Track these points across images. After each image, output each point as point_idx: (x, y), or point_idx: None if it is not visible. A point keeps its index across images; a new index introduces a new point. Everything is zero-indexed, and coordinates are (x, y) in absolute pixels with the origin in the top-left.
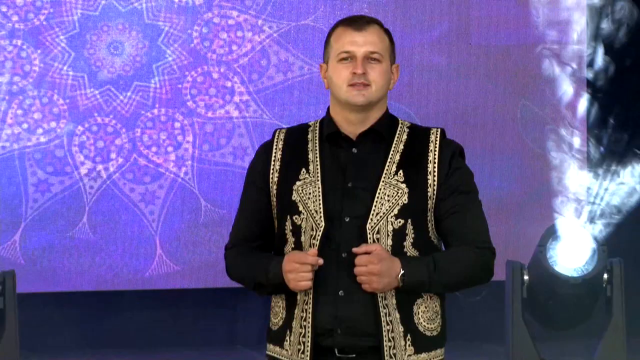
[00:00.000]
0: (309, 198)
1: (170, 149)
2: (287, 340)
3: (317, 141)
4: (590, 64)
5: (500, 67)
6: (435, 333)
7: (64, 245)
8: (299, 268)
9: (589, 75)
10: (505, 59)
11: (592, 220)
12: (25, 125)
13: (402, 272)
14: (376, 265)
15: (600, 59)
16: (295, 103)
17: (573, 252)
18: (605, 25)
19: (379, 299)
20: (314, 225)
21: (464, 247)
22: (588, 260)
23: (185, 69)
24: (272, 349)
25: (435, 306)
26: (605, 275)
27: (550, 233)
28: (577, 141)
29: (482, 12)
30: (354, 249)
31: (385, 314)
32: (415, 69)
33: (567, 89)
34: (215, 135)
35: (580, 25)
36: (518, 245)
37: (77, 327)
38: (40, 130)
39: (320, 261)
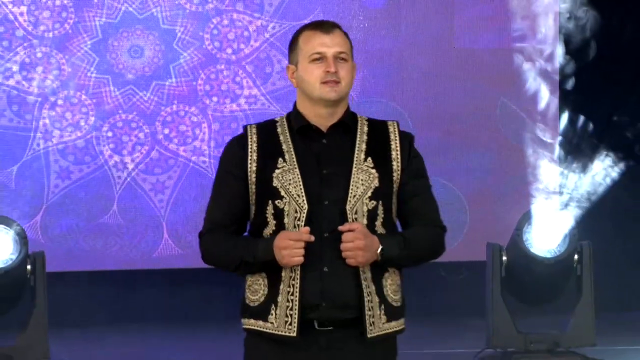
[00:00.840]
0: (289, 184)
1: (188, 140)
2: (272, 314)
3: (287, 134)
4: (562, 67)
5: (481, 68)
6: (399, 304)
7: (82, 228)
8: (293, 245)
9: (560, 76)
10: (486, 60)
11: (564, 207)
12: (57, 124)
13: (380, 247)
14: (362, 241)
15: (570, 62)
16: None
17: (547, 235)
18: (574, 30)
19: (360, 273)
20: (297, 208)
21: (425, 226)
22: (560, 242)
23: (199, 68)
24: (253, 323)
25: (398, 280)
26: (576, 256)
27: (526, 218)
28: (549, 136)
29: (464, 19)
30: (340, 227)
31: (366, 286)
32: (405, 69)
33: (540, 88)
34: (228, 128)
35: (552, 30)
36: (497, 229)
37: (96, 303)
38: (70, 128)
39: (312, 238)
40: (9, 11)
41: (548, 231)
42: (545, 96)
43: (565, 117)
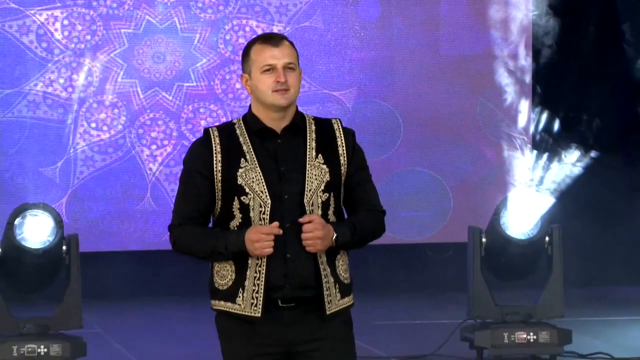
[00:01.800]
0: (253, 181)
1: None
2: (239, 297)
3: (246, 135)
4: (532, 69)
5: (463, 72)
6: (348, 281)
7: (111, 213)
8: (265, 238)
9: (531, 77)
10: (467, 65)
11: (536, 194)
12: (93, 124)
13: (335, 235)
14: (320, 231)
15: (539, 64)
16: (304, 94)
17: (521, 219)
18: (544, 37)
19: (318, 258)
20: (261, 203)
21: (369, 212)
22: (533, 226)
23: (216, 70)
24: (223, 305)
25: (347, 260)
26: (547, 238)
27: (503, 204)
28: (522, 131)
29: (449, 29)
30: (300, 219)
31: (323, 269)
32: (397, 73)
33: (513, 89)
34: None
35: (525, 37)
36: (478, 213)
37: (123, 279)
38: (105, 127)
39: (281, 232)
40: (45, 25)
41: (522, 216)
42: (519, 96)
43: (536, 114)
